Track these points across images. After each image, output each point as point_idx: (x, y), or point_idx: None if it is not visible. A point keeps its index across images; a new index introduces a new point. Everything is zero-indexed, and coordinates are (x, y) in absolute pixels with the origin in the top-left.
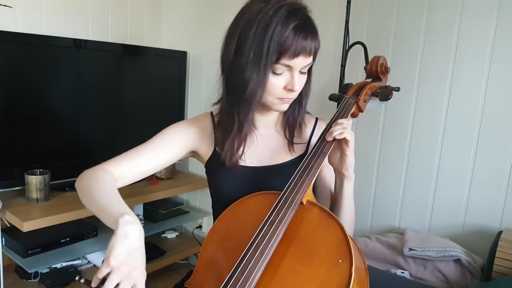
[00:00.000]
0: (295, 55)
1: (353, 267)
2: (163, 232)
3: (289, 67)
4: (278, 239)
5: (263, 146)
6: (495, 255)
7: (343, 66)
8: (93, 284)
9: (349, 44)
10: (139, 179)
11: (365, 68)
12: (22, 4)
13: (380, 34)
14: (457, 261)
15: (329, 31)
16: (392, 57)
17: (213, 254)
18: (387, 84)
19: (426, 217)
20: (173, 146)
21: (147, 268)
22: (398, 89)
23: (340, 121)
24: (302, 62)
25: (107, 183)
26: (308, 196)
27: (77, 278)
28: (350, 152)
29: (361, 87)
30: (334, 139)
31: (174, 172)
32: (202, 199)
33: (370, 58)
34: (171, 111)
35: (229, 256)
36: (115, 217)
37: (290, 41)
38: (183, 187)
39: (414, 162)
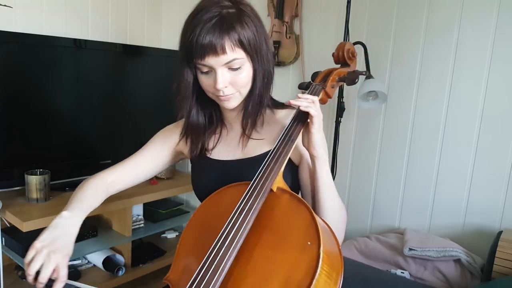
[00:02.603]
0: (202, 57)
1: (321, 248)
2: (163, 232)
3: (208, 66)
4: (248, 227)
5: (236, 141)
6: (495, 255)
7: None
8: (27, 272)
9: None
10: (135, 184)
11: (332, 54)
12: (22, 4)
13: (380, 34)
14: (457, 261)
15: (329, 31)
16: (392, 57)
17: (189, 248)
18: (355, 69)
19: (426, 217)
20: (160, 151)
21: (147, 268)
22: (365, 73)
23: (306, 95)
24: (216, 61)
25: (91, 190)
26: (278, 183)
27: (15, 271)
28: (315, 130)
29: (328, 73)
30: (303, 123)
31: (174, 172)
32: None
33: (370, 58)
34: (171, 111)
35: (204, 248)
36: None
37: (192, 46)
38: (183, 187)
39: (414, 162)
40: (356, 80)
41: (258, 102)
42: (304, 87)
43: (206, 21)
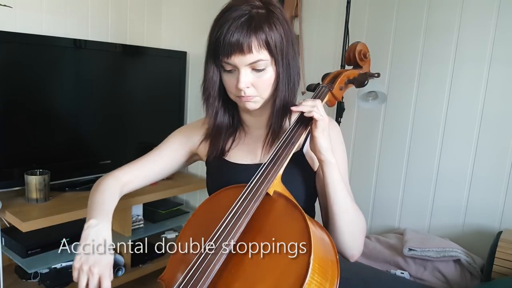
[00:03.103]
0: (228, 55)
1: (312, 256)
2: (163, 232)
3: (233, 65)
4: (240, 230)
5: (252, 145)
6: (494, 255)
7: (343, 66)
8: None
9: (349, 44)
10: (148, 183)
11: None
12: (22, 4)
13: (380, 34)
14: (457, 261)
15: (329, 31)
16: (392, 57)
17: (185, 248)
18: (367, 71)
19: (426, 217)
20: (177, 152)
21: (147, 268)
22: (378, 75)
23: (308, 100)
24: (242, 60)
25: (108, 191)
26: (275, 186)
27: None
28: (319, 133)
29: (337, 75)
30: (306, 126)
31: (174, 173)
32: (201, 200)
33: (369, 58)
34: (171, 111)
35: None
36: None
37: (219, 43)
38: (183, 187)
39: (414, 162)
40: (366, 83)
41: (282, 108)
42: (312, 88)
43: (235, 19)
